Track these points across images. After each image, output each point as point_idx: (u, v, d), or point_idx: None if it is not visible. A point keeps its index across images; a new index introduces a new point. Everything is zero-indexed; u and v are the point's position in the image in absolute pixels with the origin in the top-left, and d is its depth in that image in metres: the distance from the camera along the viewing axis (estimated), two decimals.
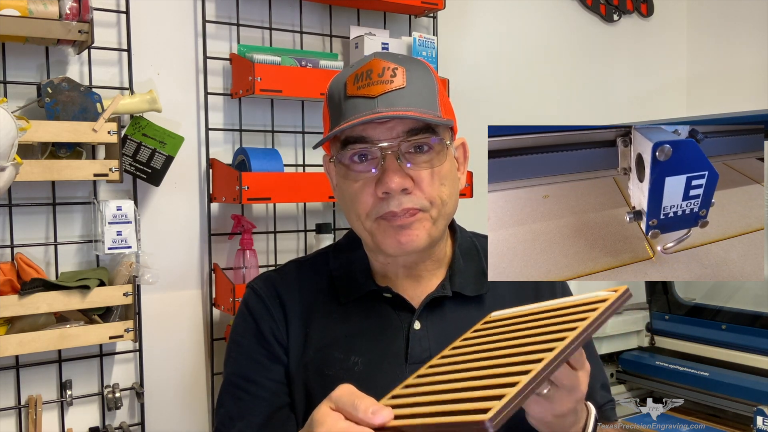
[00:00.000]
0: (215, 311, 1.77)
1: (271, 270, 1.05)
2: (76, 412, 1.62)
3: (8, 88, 1.52)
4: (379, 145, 0.87)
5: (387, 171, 0.86)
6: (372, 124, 0.87)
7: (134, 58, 1.64)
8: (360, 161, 0.89)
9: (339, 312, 0.96)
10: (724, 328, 2.10)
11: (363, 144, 0.87)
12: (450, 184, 0.92)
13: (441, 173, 0.90)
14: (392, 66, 0.88)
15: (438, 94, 0.91)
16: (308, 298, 0.97)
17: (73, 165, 1.46)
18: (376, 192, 0.88)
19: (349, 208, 0.92)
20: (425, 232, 0.89)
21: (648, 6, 2.62)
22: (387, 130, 0.87)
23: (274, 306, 0.97)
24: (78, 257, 1.62)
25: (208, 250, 1.74)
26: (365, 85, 0.88)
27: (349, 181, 0.90)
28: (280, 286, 0.99)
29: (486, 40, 2.24)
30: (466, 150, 1.00)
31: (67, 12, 1.43)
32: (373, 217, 0.89)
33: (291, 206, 1.88)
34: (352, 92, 0.88)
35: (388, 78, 0.87)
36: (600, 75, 2.51)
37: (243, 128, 1.80)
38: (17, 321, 1.47)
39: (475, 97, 2.20)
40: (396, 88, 0.86)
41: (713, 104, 2.53)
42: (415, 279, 0.97)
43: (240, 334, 0.98)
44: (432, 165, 0.89)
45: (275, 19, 1.84)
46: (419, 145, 0.88)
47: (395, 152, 0.86)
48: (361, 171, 0.89)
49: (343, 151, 0.89)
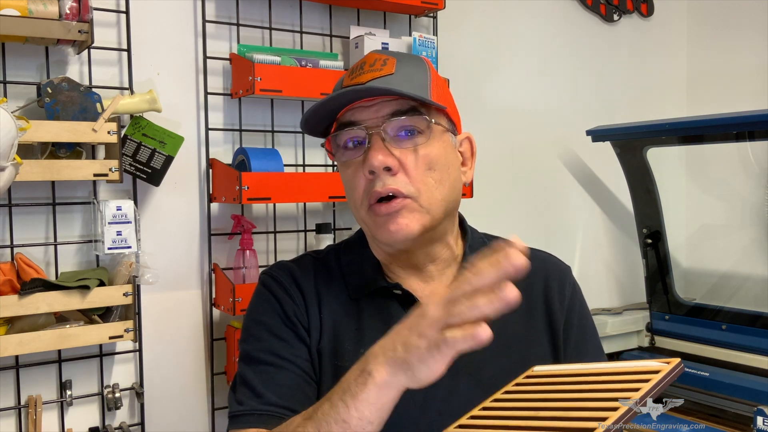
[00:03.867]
0: (215, 311, 1.77)
1: (287, 260, 1.05)
2: (76, 412, 1.62)
3: (8, 88, 1.52)
4: (364, 125, 0.90)
5: (371, 149, 0.89)
6: (360, 108, 0.90)
7: (134, 58, 1.64)
8: (353, 146, 0.92)
9: (350, 305, 0.97)
10: (724, 328, 2.10)
11: (351, 126, 0.91)
12: (441, 171, 0.92)
13: (428, 158, 0.91)
14: (384, 57, 0.92)
15: (430, 83, 0.93)
16: (322, 289, 0.98)
17: (73, 165, 1.46)
18: (364, 173, 0.90)
19: (349, 197, 0.95)
20: (416, 221, 0.90)
21: (648, 6, 2.62)
22: (373, 112, 0.90)
23: (293, 290, 0.97)
24: (78, 257, 1.61)
25: (208, 250, 1.74)
26: (358, 74, 0.92)
27: (345, 168, 0.94)
28: (297, 273, 0.99)
29: (486, 40, 2.23)
30: (473, 144, 1.01)
31: (67, 12, 1.43)
32: (366, 204, 0.91)
33: (291, 206, 1.88)
34: (347, 83, 0.92)
35: (379, 67, 0.91)
36: (600, 75, 2.51)
37: (243, 128, 1.80)
38: (17, 321, 1.47)
39: (474, 96, 2.19)
40: (384, 74, 0.90)
41: (713, 104, 2.53)
42: (423, 279, 0.98)
43: (262, 314, 0.97)
44: (416, 146, 0.90)
45: (275, 19, 1.84)
46: (408, 129, 0.90)
47: (379, 132, 0.89)
48: (352, 155, 0.92)
49: (335, 135, 0.93)
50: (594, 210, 2.51)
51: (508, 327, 0.96)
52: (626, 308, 2.44)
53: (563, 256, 1.11)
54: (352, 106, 0.91)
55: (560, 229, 2.41)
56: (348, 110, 0.92)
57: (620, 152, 2.25)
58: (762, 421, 1.79)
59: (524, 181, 2.34)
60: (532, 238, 2.15)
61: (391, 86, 0.88)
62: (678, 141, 2.19)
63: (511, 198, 2.30)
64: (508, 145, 2.28)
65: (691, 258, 2.58)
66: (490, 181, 2.15)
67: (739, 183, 2.44)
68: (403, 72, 0.91)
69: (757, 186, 2.38)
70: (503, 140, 2.26)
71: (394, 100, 0.90)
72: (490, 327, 0.93)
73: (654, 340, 2.29)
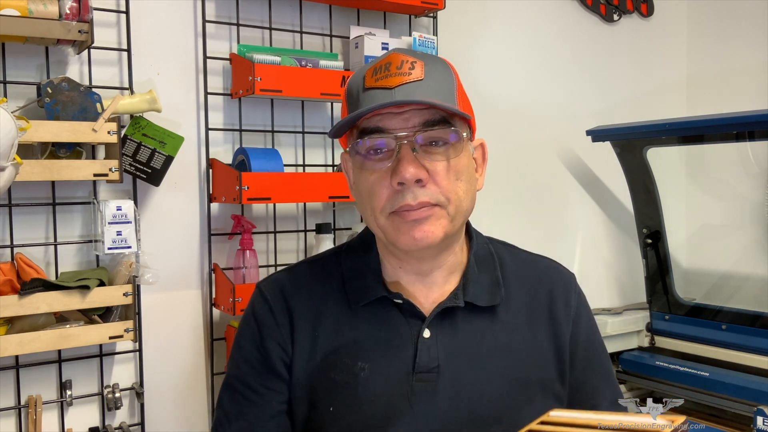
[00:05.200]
0: (215, 311, 1.77)
1: (282, 270, 1.04)
2: (76, 412, 1.62)
3: (8, 88, 1.52)
4: (395, 135, 0.86)
5: (402, 161, 0.85)
6: (388, 114, 0.87)
7: (134, 58, 1.64)
8: (376, 154, 0.88)
9: (348, 317, 0.95)
10: (724, 328, 2.10)
11: (379, 134, 0.87)
12: (466, 180, 0.91)
13: (457, 168, 0.89)
14: (411, 59, 0.88)
15: (456, 89, 0.91)
16: (318, 302, 0.96)
17: (73, 165, 1.46)
18: (392, 183, 0.87)
19: (365, 202, 0.91)
20: (441, 228, 0.88)
21: (648, 6, 2.62)
22: (403, 121, 0.86)
23: (280, 311, 0.96)
24: (78, 257, 1.61)
25: (208, 250, 1.74)
26: (383, 77, 0.87)
27: (365, 173, 0.89)
28: (288, 290, 0.98)
29: (486, 40, 2.23)
30: (485, 151, 1.00)
31: (67, 12, 1.43)
32: (387, 212, 0.88)
33: (291, 206, 1.88)
34: (371, 84, 0.88)
35: (407, 70, 0.87)
36: (600, 75, 2.51)
37: (243, 128, 1.80)
38: (17, 321, 1.47)
39: (474, 96, 2.19)
40: (414, 80, 0.86)
41: (713, 104, 2.53)
42: (427, 286, 0.96)
43: (242, 337, 0.99)
44: (448, 158, 0.88)
45: (275, 19, 1.84)
46: (436, 140, 0.88)
47: (410, 143, 0.86)
48: (377, 163, 0.88)
49: (360, 141, 0.88)
50: (594, 210, 2.51)
51: (512, 343, 0.95)
52: (626, 308, 2.44)
53: (563, 256, 1.11)
54: (379, 112, 0.87)
55: (560, 229, 2.41)
56: (374, 115, 0.87)
57: (620, 152, 2.25)
58: (762, 421, 1.79)
59: (524, 181, 2.34)
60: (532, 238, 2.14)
61: (422, 92, 0.85)
62: (678, 141, 2.19)
63: (511, 198, 2.30)
64: (508, 144, 2.28)
65: (691, 258, 2.58)
66: (490, 181, 2.13)
67: (739, 183, 2.44)
68: (433, 77, 0.88)
69: (757, 186, 2.38)
70: (503, 140, 2.26)
71: (425, 108, 0.86)
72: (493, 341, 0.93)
73: (654, 340, 2.29)
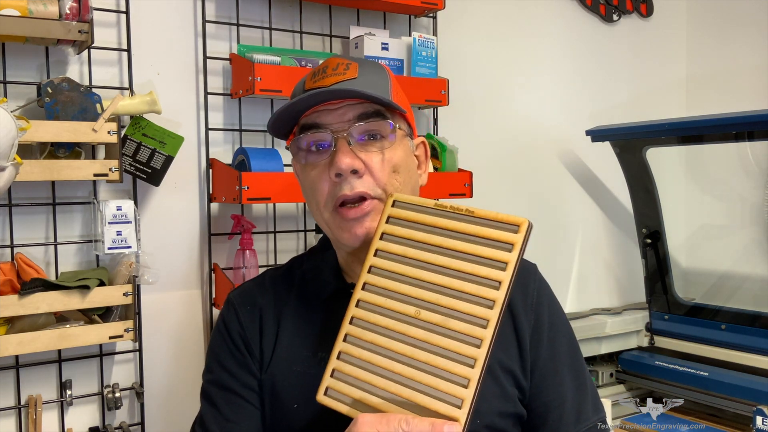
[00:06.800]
0: (215, 311, 1.77)
1: (250, 279, 1.10)
2: (76, 412, 1.62)
3: (8, 88, 1.52)
4: (330, 129, 0.92)
5: (337, 152, 0.91)
6: (325, 111, 0.92)
7: (134, 58, 1.64)
8: (317, 150, 0.94)
9: (308, 312, 0.99)
10: (723, 328, 2.10)
11: (316, 129, 0.92)
12: (404, 174, 0.95)
13: (393, 161, 0.93)
14: (346, 62, 0.94)
15: (391, 88, 0.96)
16: (280, 304, 1.01)
17: (73, 165, 1.46)
18: (330, 176, 0.92)
19: (310, 198, 0.97)
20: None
21: (648, 6, 2.62)
22: (338, 116, 0.92)
23: (247, 315, 1.01)
24: (78, 257, 1.62)
25: (208, 250, 1.75)
26: (321, 78, 0.93)
27: (308, 168, 0.95)
28: (254, 292, 1.03)
29: (486, 40, 2.24)
30: (427, 149, 1.04)
31: (67, 12, 1.43)
32: (330, 206, 0.93)
33: (291, 206, 1.88)
34: (309, 86, 0.94)
35: (342, 71, 0.93)
36: (599, 75, 2.51)
37: (243, 128, 1.80)
38: (17, 321, 1.47)
39: (474, 96, 2.20)
40: (348, 78, 0.92)
41: (713, 104, 2.53)
42: None
43: (214, 344, 1.03)
44: (383, 150, 0.93)
45: (275, 20, 1.84)
46: (372, 133, 0.93)
47: (345, 136, 0.91)
48: (317, 158, 0.93)
49: (299, 137, 0.94)
50: (593, 210, 2.51)
51: None
52: (626, 308, 2.44)
53: (563, 256, 1.12)
54: (316, 109, 0.93)
55: (560, 229, 2.41)
56: (312, 113, 0.93)
57: (620, 152, 2.26)
58: (761, 420, 1.79)
59: (524, 181, 2.34)
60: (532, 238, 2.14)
61: (356, 88, 0.90)
62: (678, 141, 2.19)
63: (511, 198, 2.30)
64: (507, 144, 2.28)
65: (691, 258, 2.59)
66: (490, 181, 2.15)
67: (739, 183, 2.44)
68: (366, 77, 0.93)
69: (757, 186, 2.38)
70: (503, 140, 2.27)
71: (359, 103, 0.92)
72: None
73: (653, 340, 2.29)
